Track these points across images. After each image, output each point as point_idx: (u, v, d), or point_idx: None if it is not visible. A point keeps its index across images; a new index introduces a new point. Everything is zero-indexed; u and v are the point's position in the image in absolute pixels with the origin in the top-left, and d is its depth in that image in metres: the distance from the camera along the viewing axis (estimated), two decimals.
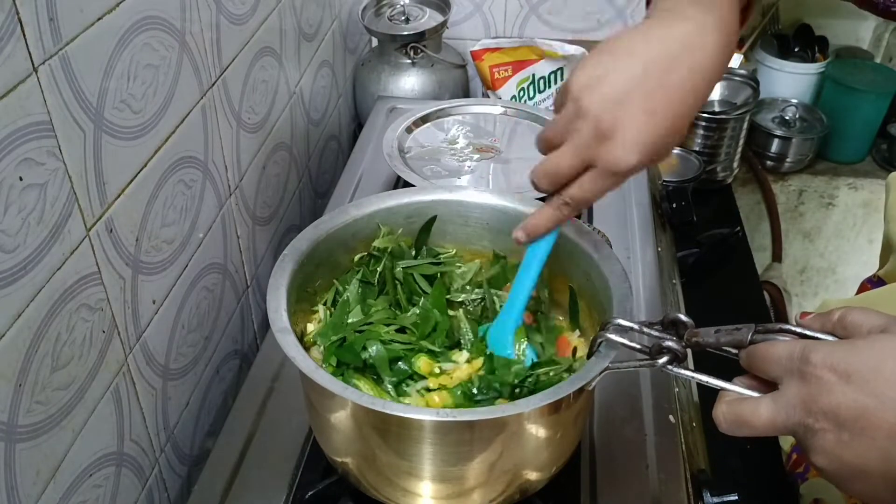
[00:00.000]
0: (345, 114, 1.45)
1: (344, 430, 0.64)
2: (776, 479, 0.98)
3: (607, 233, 0.95)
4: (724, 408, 0.50)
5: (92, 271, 0.65)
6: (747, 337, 0.51)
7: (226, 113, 0.90)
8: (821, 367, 0.45)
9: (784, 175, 1.82)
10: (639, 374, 0.83)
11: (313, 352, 0.71)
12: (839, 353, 0.45)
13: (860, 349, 0.45)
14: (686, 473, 0.74)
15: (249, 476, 0.74)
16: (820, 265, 1.96)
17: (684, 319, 0.56)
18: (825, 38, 1.86)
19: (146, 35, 0.70)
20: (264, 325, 1.06)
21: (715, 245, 1.39)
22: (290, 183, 1.17)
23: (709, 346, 0.54)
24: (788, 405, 0.47)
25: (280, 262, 0.68)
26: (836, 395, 0.44)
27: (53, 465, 0.63)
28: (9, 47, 0.53)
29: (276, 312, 0.63)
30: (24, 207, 0.56)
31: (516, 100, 1.45)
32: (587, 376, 0.58)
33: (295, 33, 1.12)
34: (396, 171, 1.03)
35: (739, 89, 1.60)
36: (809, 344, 0.47)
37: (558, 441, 0.64)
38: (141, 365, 0.75)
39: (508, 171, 1.07)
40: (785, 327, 0.50)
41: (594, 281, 0.70)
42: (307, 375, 0.58)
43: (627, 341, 0.58)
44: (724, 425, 0.50)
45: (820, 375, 0.45)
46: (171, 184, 0.78)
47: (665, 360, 0.55)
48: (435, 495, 0.63)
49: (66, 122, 0.60)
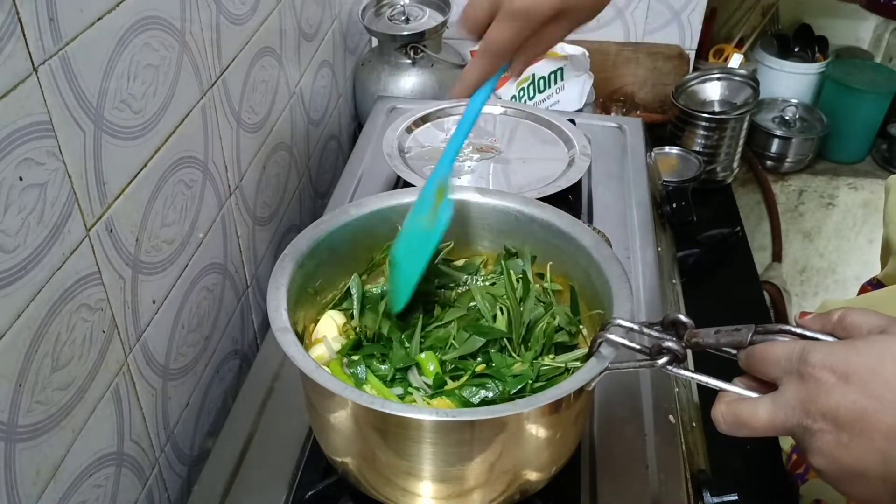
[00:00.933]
0: (345, 114, 1.45)
1: (344, 430, 0.64)
2: (776, 479, 0.98)
3: (607, 233, 0.95)
4: (723, 408, 0.50)
5: (92, 271, 0.65)
6: (747, 338, 0.51)
7: (226, 113, 0.90)
8: (819, 367, 0.45)
9: (784, 175, 1.82)
10: (639, 374, 0.83)
11: (314, 351, 0.71)
12: (838, 353, 0.45)
13: (859, 350, 0.45)
14: (686, 473, 0.74)
15: (249, 476, 0.74)
16: (820, 265, 1.96)
17: (684, 320, 0.56)
18: (825, 38, 1.86)
19: (146, 35, 0.71)
20: (264, 325, 1.06)
21: (715, 245, 1.39)
22: (290, 183, 1.17)
23: (709, 347, 0.54)
24: (787, 406, 0.47)
25: (281, 262, 0.68)
26: (835, 396, 0.44)
27: (53, 465, 0.63)
28: (9, 47, 0.53)
29: (277, 311, 0.63)
30: (24, 207, 0.56)
31: (516, 100, 1.45)
32: (587, 377, 0.58)
33: (295, 33, 1.12)
34: (396, 171, 1.03)
35: (739, 89, 1.60)
36: (808, 344, 0.47)
37: (558, 441, 0.64)
38: (141, 365, 0.75)
39: (508, 171, 1.07)
40: (785, 328, 0.50)
41: (594, 281, 0.69)
42: (307, 375, 0.58)
43: (627, 342, 0.58)
44: (723, 426, 0.50)
45: (819, 376, 0.45)
46: (171, 184, 0.78)
47: (665, 360, 0.55)
48: (435, 495, 0.63)
49: (66, 122, 0.60)
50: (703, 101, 1.60)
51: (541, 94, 1.49)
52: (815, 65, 1.83)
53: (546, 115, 1.15)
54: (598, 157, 1.15)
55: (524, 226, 0.76)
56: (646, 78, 1.68)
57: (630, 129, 1.25)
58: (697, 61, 1.72)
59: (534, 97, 1.48)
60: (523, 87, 1.46)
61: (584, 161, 1.06)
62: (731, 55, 1.77)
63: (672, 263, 1.11)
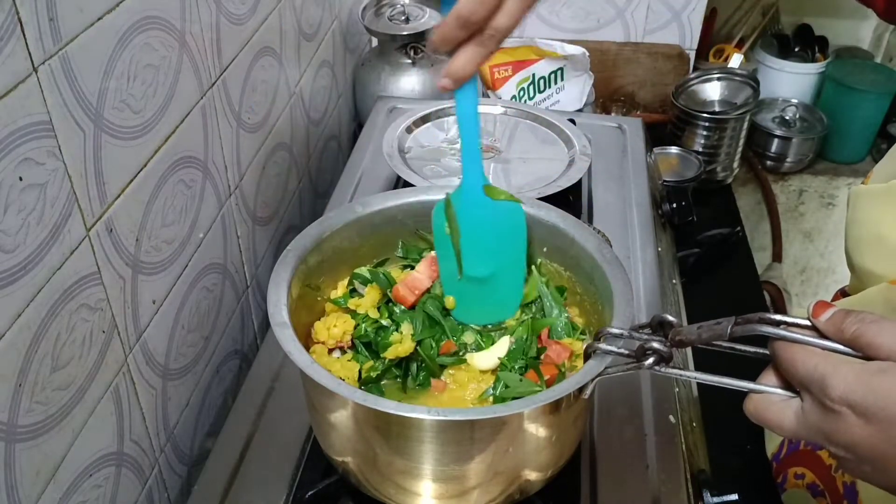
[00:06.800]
0: (345, 114, 1.45)
1: (343, 429, 0.64)
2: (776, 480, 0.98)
3: (607, 233, 0.95)
4: (752, 408, 0.51)
5: (92, 271, 0.65)
6: (727, 330, 0.51)
7: (226, 113, 0.90)
8: (839, 402, 0.45)
9: (784, 175, 1.82)
10: (639, 375, 0.83)
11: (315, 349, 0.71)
12: (858, 391, 0.44)
13: (879, 389, 0.44)
14: (686, 473, 0.74)
15: (249, 476, 0.74)
16: (820, 265, 1.96)
17: (670, 319, 0.56)
18: (825, 38, 1.87)
19: (146, 35, 0.70)
20: (264, 325, 1.06)
21: (715, 245, 1.39)
22: (290, 183, 1.17)
23: (693, 344, 0.54)
24: (810, 428, 0.47)
25: (283, 258, 0.68)
26: (854, 434, 0.45)
27: (53, 465, 0.63)
28: (9, 47, 0.53)
29: (276, 307, 0.63)
30: (24, 207, 0.56)
31: (516, 100, 1.45)
32: (581, 381, 0.58)
33: (295, 33, 1.12)
34: (396, 171, 1.03)
35: (739, 89, 1.60)
36: (829, 370, 0.46)
37: (558, 441, 0.64)
38: (141, 365, 0.75)
39: (508, 171, 1.07)
40: (764, 317, 0.50)
41: (597, 283, 0.70)
42: (304, 371, 0.58)
43: (615, 348, 0.58)
44: (752, 420, 0.51)
45: (839, 411, 0.45)
46: (171, 184, 0.78)
47: (651, 361, 0.55)
48: (435, 495, 0.63)
49: (66, 122, 0.60)
50: (704, 101, 1.61)
51: (541, 94, 1.49)
52: (815, 65, 1.83)
53: (546, 115, 1.15)
54: (598, 157, 1.15)
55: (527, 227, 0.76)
56: (646, 78, 1.68)
57: (630, 129, 1.25)
58: (697, 61, 1.72)
59: (534, 97, 1.48)
60: (523, 87, 1.46)
61: (584, 161, 1.06)
62: (731, 55, 1.77)
63: (672, 263, 1.11)
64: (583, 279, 0.72)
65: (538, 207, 0.75)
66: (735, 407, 0.52)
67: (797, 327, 0.49)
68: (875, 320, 0.46)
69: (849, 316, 0.47)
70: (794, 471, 0.85)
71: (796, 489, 0.84)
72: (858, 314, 0.47)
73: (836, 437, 0.46)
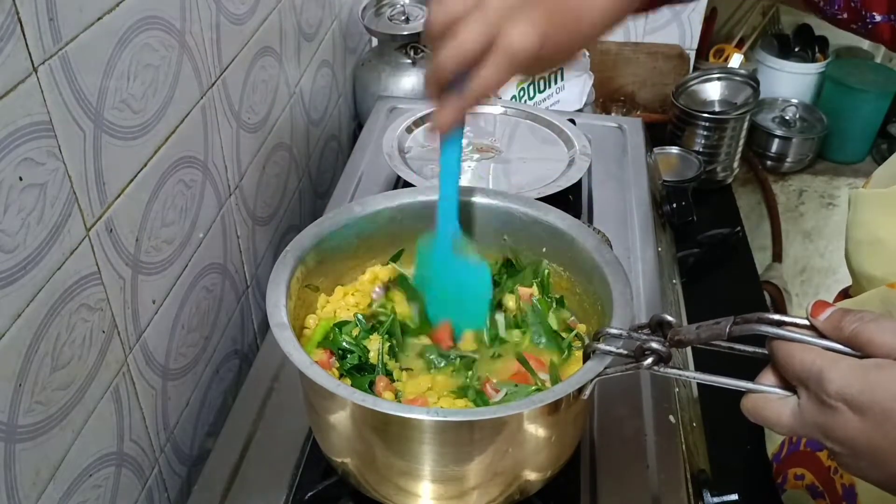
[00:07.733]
0: (345, 114, 1.45)
1: (342, 429, 0.64)
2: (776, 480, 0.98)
3: (607, 233, 0.95)
4: (749, 406, 0.51)
5: (92, 271, 0.65)
6: (726, 330, 0.51)
7: (226, 113, 0.90)
8: (836, 397, 0.45)
9: (784, 175, 1.82)
10: (639, 375, 0.83)
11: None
12: (855, 385, 0.44)
13: (875, 384, 0.44)
14: (686, 473, 0.74)
15: (249, 476, 0.74)
16: (820, 265, 1.96)
17: (669, 319, 0.56)
18: (825, 38, 1.86)
19: (146, 35, 0.70)
20: (264, 325, 1.06)
21: (715, 245, 1.39)
22: (290, 183, 1.17)
23: (692, 343, 0.54)
24: (807, 423, 0.47)
25: (282, 258, 0.68)
26: (851, 429, 0.45)
27: (53, 465, 0.63)
28: (9, 47, 0.53)
29: (276, 307, 0.63)
30: (24, 207, 0.56)
31: (516, 100, 1.45)
32: (581, 381, 0.58)
33: (295, 33, 1.12)
34: (396, 171, 1.03)
35: (739, 89, 1.60)
36: (826, 366, 0.46)
37: (558, 441, 0.64)
38: (141, 365, 0.75)
39: (508, 171, 1.07)
40: (763, 317, 0.50)
41: (596, 284, 0.70)
42: (303, 371, 0.58)
43: (614, 348, 0.58)
44: (750, 419, 0.51)
45: (835, 406, 0.45)
46: (170, 184, 0.78)
47: (650, 361, 0.55)
48: (434, 495, 0.63)
49: (66, 122, 0.60)
50: (704, 100, 1.61)
51: (541, 94, 1.48)
52: (815, 65, 1.83)
53: (546, 115, 1.15)
54: (598, 157, 1.15)
55: (526, 227, 0.76)
56: (646, 78, 1.68)
57: (630, 129, 1.25)
58: (697, 61, 1.72)
59: (534, 97, 1.48)
60: (523, 87, 1.46)
61: (584, 161, 1.06)
62: (732, 55, 1.77)
63: (672, 263, 1.11)
64: (582, 279, 0.72)
65: (538, 208, 0.75)
66: (735, 407, 0.52)
67: (796, 327, 0.49)
68: (874, 319, 0.46)
69: (847, 315, 0.47)
70: (794, 471, 0.85)
71: (796, 490, 0.84)
72: (857, 313, 0.47)
73: (833, 433, 0.46)
